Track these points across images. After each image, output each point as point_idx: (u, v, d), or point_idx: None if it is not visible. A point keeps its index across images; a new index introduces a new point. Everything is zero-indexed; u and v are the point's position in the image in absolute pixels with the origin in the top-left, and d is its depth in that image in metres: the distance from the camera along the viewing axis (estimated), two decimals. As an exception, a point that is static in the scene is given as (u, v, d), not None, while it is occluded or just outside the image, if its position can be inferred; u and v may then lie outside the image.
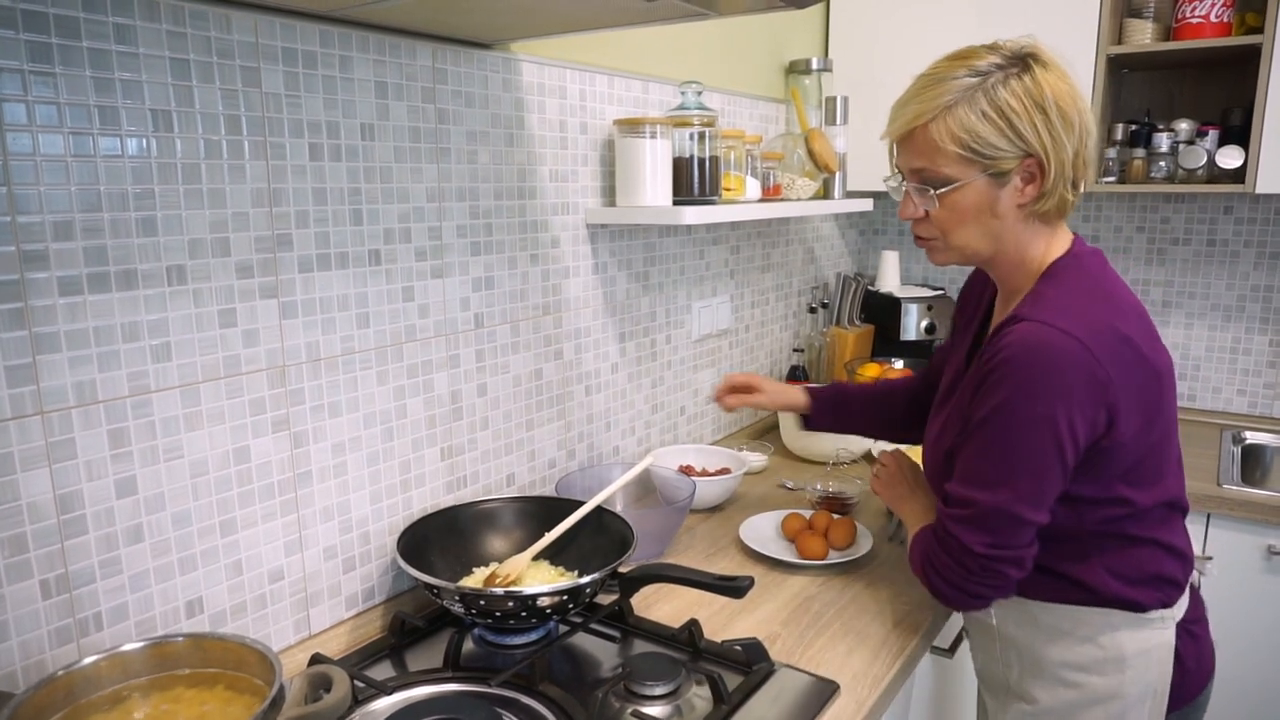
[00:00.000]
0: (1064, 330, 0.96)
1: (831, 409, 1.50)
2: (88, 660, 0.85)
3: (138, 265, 0.94)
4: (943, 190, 1.04)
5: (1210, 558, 1.31)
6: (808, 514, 1.52)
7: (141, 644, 0.88)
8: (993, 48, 1.03)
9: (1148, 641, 1.08)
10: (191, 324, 0.99)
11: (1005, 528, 1.02)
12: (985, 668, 1.23)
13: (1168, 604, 1.09)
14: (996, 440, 1.01)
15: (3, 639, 0.88)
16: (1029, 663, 1.13)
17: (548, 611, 1.12)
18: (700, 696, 1.05)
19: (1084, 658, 1.09)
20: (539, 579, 1.22)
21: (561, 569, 1.27)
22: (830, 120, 2.00)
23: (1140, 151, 2.06)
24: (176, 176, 0.96)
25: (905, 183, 1.09)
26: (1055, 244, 1.08)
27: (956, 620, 1.42)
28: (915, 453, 1.87)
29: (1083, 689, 1.09)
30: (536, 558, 1.25)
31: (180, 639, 0.89)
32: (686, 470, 1.67)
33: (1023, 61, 1.01)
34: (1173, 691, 1.11)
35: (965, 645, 1.43)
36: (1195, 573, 1.16)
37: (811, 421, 1.52)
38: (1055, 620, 1.10)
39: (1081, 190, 1.05)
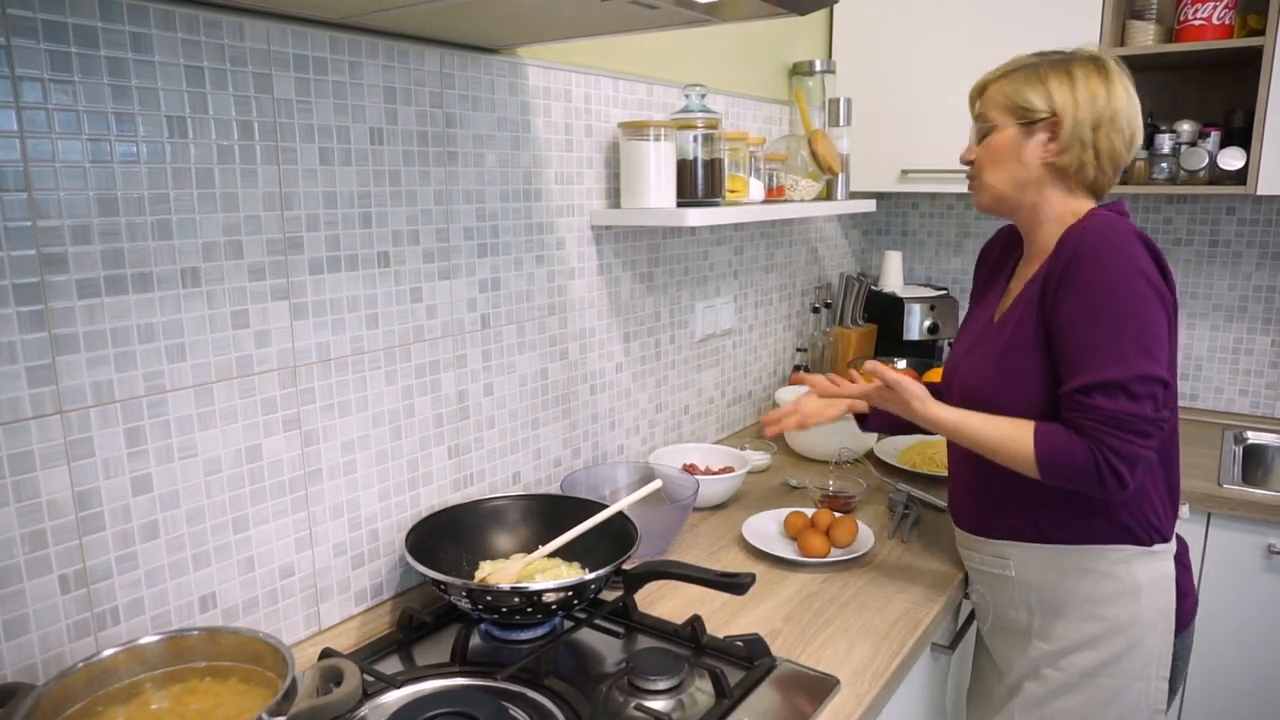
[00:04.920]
0: (1116, 214, 1.17)
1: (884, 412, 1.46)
2: (106, 653, 0.88)
3: (153, 268, 0.96)
4: (985, 131, 1.23)
5: (1185, 504, 1.43)
6: (810, 512, 1.54)
7: (158, 637, 0.91)
8: (1070, 50, 1.22)
9: (1157, 571, 1.21)
10: (205, 325, 1.02)
11: (1157, 392, 1.09)
12: (1000, 620, 1.32)
13: (1167, 538, 1.22)
14: (1109, 316, 1.09)
15: (23, 632, 0.90)
16: (1051, 605, 1.24)
17: (553, 607, 1.14)
18: (702, 691, 1.07)
19: (1105, 592, 1.21)
20: (548, 574, 1.24)
21: (574, 563, 1.29)
22: (834, 122, 2.02)
23: (1142, 153, 2.07)
24: (191, 181, 0.98)
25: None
26: (1082, 209, 1.21)
27: (956, 618, 1.44)
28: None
29: (1104, 621, 1.21)
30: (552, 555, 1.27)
31: (195, 633, 0.92)
32: (690, 469, 1.69)
33: (1081, 56, 1.20)
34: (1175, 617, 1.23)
35: (965, 641, 1.45)
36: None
37: (870, 422, 1.53)
38: (1078, 560, 1.22)
39: (1106, 164, 1.19)
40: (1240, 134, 1.97)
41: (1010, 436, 1.15)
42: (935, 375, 2.10)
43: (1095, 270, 1.10)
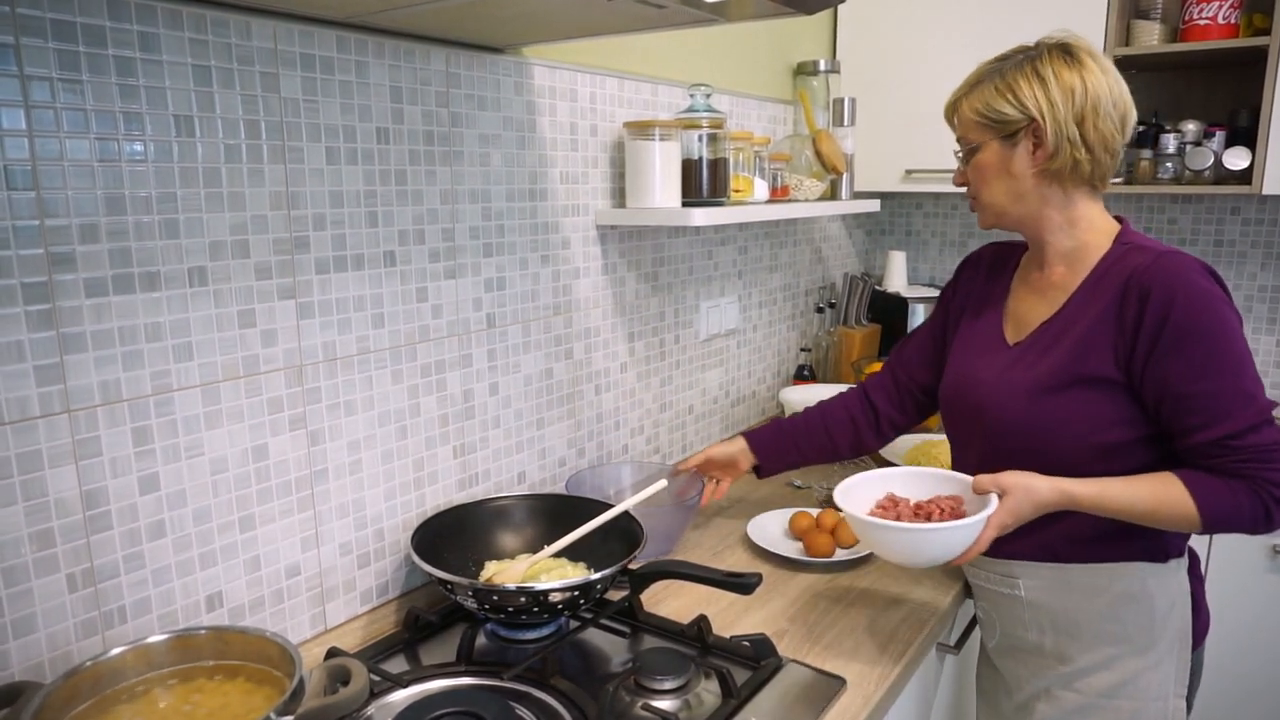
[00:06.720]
0: (1182, 253, 1.11)
1: (777, 457, 1.48)
2: (113, 652, 0.87)
3: (160, 267, 0.96)
4: (968, 152, 1.21)
5: None
6: (815, 512, 1.54)
7: (165, 636, 0.90)
8: (1031, 44, 1.18)
9: (1174, 588, 1.17)
10: (212, 324, 1.02)
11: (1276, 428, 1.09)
12: (1008, 639, 1.27)
13: (1181, 552, 1.18)
14: (1222, 361, 1.07)
15: (31, 631, 0.90)
16: (1065, 626, 1.19)
17: (559, 607, 1.14)
18: (709, 691, 1.07)
19: (1122, 612, 1.16)
20: (554, 573, 1.24)
21: (580, 563, 1.29)
22: (838, 121, 2.01)
23: (1147, 152, 2.07)
24: (198, 180, 0.98)
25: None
26: (1105, 218, 1.18)
27: (961, 617, 1.43)
28: (939, 452, 1.86)
29: (1122, 642, 1.16)
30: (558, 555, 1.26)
31: (203, 632, 0.91)
32: (889, 505, 1.20)
33: (1043, 50, 1.15)
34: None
35: (971, 641, 1.45)
36: None
37: (763, 471, 1.49)
38: (1092, 579, 1.17)
39: (1103, 155, 1.13)
40: (1245, 134, 1.97)
41: (1165, 497, 1.08)
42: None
43: (1193, 321, 1.06)
